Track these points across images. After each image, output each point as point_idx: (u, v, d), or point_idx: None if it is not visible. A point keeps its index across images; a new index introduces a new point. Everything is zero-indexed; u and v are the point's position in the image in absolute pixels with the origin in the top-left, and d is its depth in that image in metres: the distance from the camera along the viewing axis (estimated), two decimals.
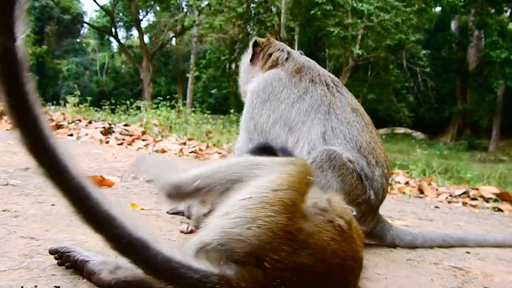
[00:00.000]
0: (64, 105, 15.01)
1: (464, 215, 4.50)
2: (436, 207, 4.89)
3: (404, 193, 5.84)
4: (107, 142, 7.70)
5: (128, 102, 14.74)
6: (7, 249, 1.58)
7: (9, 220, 2.00)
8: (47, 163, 1.15)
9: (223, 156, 7.71)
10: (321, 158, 2.27)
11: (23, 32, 1.09)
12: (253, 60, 2.82)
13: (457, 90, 34.87)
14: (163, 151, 7.55)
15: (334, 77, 2.73)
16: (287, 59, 2.70)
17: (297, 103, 2.50)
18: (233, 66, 28.43)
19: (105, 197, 1.21)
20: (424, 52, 26.82)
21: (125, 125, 9.55)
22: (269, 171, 1.41)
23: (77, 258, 1.44)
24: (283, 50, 2.75)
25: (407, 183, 6.59)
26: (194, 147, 8.42)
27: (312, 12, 24.26)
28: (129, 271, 1.41)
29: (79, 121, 9.51)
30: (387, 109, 30.43)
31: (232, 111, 17.56)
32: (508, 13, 32.96)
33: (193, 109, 17.11)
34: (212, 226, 1.34)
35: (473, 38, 33.40)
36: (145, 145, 7.92)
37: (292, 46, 20.03)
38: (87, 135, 8.03)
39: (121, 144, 7.78)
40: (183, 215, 2.66)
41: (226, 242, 1.27)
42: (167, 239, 2.09)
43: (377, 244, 2.59)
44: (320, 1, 23.30)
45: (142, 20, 39.36)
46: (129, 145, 7.84)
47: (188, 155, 7.42)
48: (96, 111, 13.25)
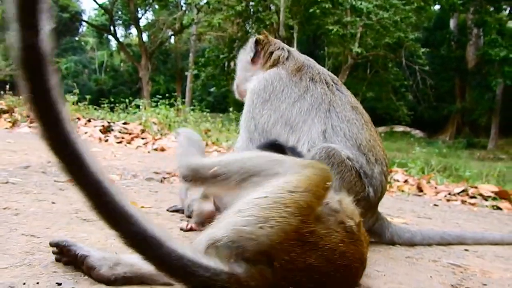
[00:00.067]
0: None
1: (462, 213, 4.51)
2: (435, 205, 4.90)
3: (403, 191, 5.85)
4: (106, 140, 7.70)
5: (127, 100, 14.72)
6: (9, 247, 1.58)
7: (10, 218, 2.01)
8: (67, 158, 1.14)
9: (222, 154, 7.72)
10: (320, 155, 2.26)
11: (48, 26, 1.07)
12: (254, 58, 2.78)
13: (456, 88, 34.86)
14: (162, 149, 7.56)
15: (333, 75, 2.72)
16: (287, 58, 2.68)
17: (298, 102, 2.49)
18: (232, 64, 28.44)
19: (122, 194, 1.20)
20: (423, 50, 26.80)
21: (124, 124, 9.55)
22: (288, 170, 1.40)
23: (77, 252, 1.45)
24: (283, 48, 2.74)
25: (406, 181, 6.59)
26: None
27: (311, 10, 24.23)
28: (128, 267, 1.42)
29: (78, 119, 9.50)
30: (386, 107, 30.46)
31: (231, 109, 17.55)
32: (507, 11, 32.92)
33: (192, 108, 17.09)
34: (224, 222, 1.33)
35: (472, 36, 33.38)
36: (144, 143, 7.93)
37: (291, 44, 20.09)
38: (86, 133, 8.02)
39: (120, 142, 7.79)
40: (183, 213, 2.67)
41: (237, 239, 1.27)
42: None
43: (376, 241, 2.59)
44: None
45: (140, 18, 39.31)
46: (128, 143, 7.84)
47: None
48: (95, 109, 13.22)
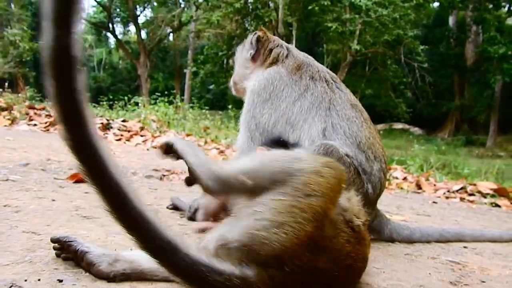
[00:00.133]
0: None
1: (461, 210, 4.52)
2: (434, 202, 4.91)
3: (402, 188, 5.86)
4: (105, 138, 7.70)
5: (126, 98, 14.72)
6: (10, 244, 1.59)
7: (10, 215, 2.01)
8: (89, 161, 1.14)
9: (222, 152, 7.72)
10: (318, 152, 2.26)
11: (80, 27, 1.06)
12: (254, 55, 2.76)
13: (455, 85, 34.87)
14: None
15: (332, 73, 2.72)
16: (287, 56, 2.66)
17: (299, 101, 2.48)
18: (231, 61, 28.35)
19: (141, 199, 1.20)
20: (422, 47, 26.82)
21: (123, 121, 9.55)
22: (306, 169, 1.34)
23: (77, 248, 1.45)
24: (282, 46, 2.72)
25: (405, 179, 6.60)
26: (192, 142, 8.43)
27: (310, 7, 24.22)
28: (128, 264, 1.42)
29: None
30: (385, 105, 30.50)
31: (230, 106, 17.55)
32: (506, 9, 32.92)
33: (191, 105, 17.09)
34: (237, 224, 1.31)
35: (471, 33, 33.36)
36: (143, 141, 7.94)
37: (289, 41, 20.05)
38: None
39: (119, 140, 7.79)
40: (183, 210, 2.67)
41: (250, 243, 1.26)
42: None
43: (375, 238, 2.60)
44: None
45: (139, 15, 39.29)
46: (128, 141, 7.85)
47: None
48: (94, 107, 13.23)
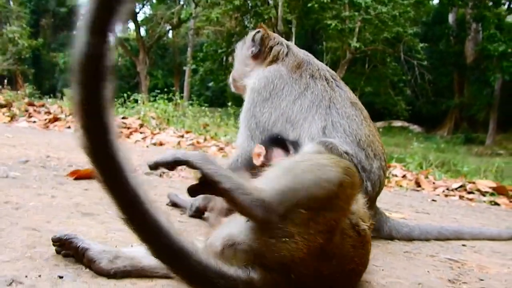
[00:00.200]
0: (61, 98, 14.97)
1: (460, 208, 4.53)
2: (433, 200, 4.91)
3: (401, 186, 5.86)
4: None
5: (125, 95, 14.70)
6: (10, 240, 1.59)
7: (10, 212, 2.01)
8: (108, 169, 1.12)
9: (221, 149, 7.72)
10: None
11: (117, 34, 1.03)
12: (256, 54, 2.72)
13: (455, 83, 34.84)
14: (161, 144, 7.57)
15: (332, 71, 2.71)
16: (287, 54, 2.65)
17: (299, 100, 2.48)
18: (230, 59, 28.32)
19: (155, 204, 1.19)
20: (421, 45, 26.77)
21: (123, 118, 9.55)
22: (332, 182, 1.30)
23: (78, 245, 1.45)
24: (282, 43, 2.71)
25: (404, 176, 6.61)
26: (192, 140, 8.44)
27: (309, 5, 24.15)
28: (128, 261, 1.43)
29: None
30: (384, 102, 30.46)
31: (229, 104, 17.54)
32: (505, 6, 32.88)
33: (190, 102, 17.08)
34: (247, 226, 1.30)
35: (470, 31, 33.31)
36: (143, 138, 7.94)
37: (289, 38, 20.04)
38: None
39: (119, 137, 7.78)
40: (181, 207, 2.67)
41: (257, 247, 1.26)
42: None
43: (374, 236, 2.60)
44: None
45: (138, 12, 39.08)
46: (127, 138, 7.84)
47: (186, 148, 7.43)
48: None
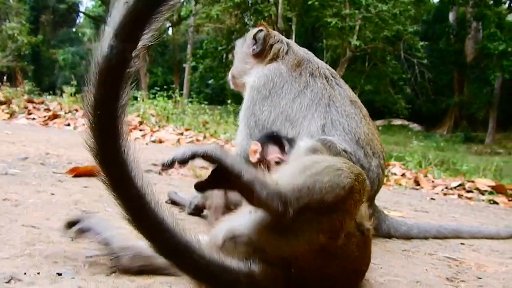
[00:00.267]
0: (60, 95, 14.92)
1: (459, 207, 4.53)
2: (432, 199, 4.92)
3: (400, 184, 5.87)
4: None
5: None
6: (9, 237, 1.59)
7: (10, 209, 2.01)
8: (115, 173, 1.14)
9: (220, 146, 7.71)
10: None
11: (144, 42, 1.00)
12: (257, 52, 2.69)
13: (455, 82, 34.84)
14: (160, 141, 7.57)
15: (331, 69, 2.71)
16: (287, 52, 2.65)
17: (298, 98, 2.48)
18: (230, 56, 28.30)
19: (159, 203, 1.21)
20: (421, 43, 26.77)
21: None
22: (343, 187, 1.28)
23: (98, 237, 1.44)
24: (282, 41, 2.70)
25: (403, 175, 6.62)
26: (191, 137, 8.44)
27: (309, 2, 24.16)
28: (147, 259, 1.41)
29: (76, 111, 9.50)
30: (384, 101, 30.48)
31: (229, 101, 17.52)
32: (506, 5, 32.85)
33: (190, 100, 17.06)
34: (248, 220, 1.29)
35: (471, 29, 33.30)
36: (142, 135, 7.94)
37: (289, 36, 20.00)
38: (84, 125, 8.01)
39: None
40: (180, 205, 2.67)
41: (258, 240, 1.25)
42: None
43: (372, 234, 2.61)
44: None
45: None
46: None
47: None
48: None
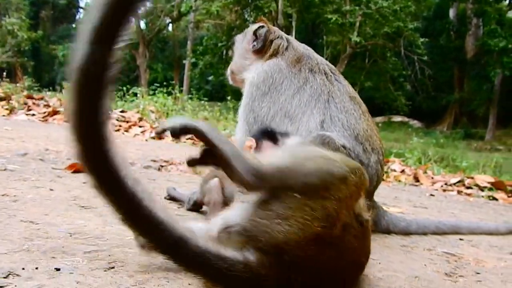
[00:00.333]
0: (60, 91, 14.94)
1: (458, 203, 4.54)
2: (431, 195, 4.92)
3: (399, 181, 5.87)
4: None
5: (124, 88, 14.66)
6: (8, 232, 1.59)
7: (8, 204, 2.01)
8: (103, 177, 1.13)
9: None
10: (314, 142, 2.26)
11: (123, 44, 1.00)
12: (258, 48, 2.67)
13: (455, 78, 34.84)
14: (160, 138, 7.56)
15: (331, 65, 2.70)
16: (287, 48, 2.63)
17: (298, 94, 2.48)
18: (230, 52, 28.24)
19: (150, 195, 1.20)
20: (422, 40, 26.77)
21: (122, 112, 9.52)
22: (334, 175, 1.30)
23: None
24: (282, 37, 2.69)
25: (403, 171, 6.61)
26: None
27: None
28: None
29: None
30: (384, 97, 30.49)
31: (229, 98, 17.53)
32: (507, 1, 32.80)
33: (190, 96, 17.06)
34: (242, 210, 1.30)
35: (471, 26, 33.28)
36: (142, 132, 7.92)
37: (289, 32, 19.96)
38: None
39: (118, 130, 7.77)
40: (179, 201, 2.67)
41: (251, 229, 1.25)
42: None
43: (371, 230, 2.61)
44: None
45: None
46: (126, 131, 7.83)
47: (185, 142, 7.42)
48: None
